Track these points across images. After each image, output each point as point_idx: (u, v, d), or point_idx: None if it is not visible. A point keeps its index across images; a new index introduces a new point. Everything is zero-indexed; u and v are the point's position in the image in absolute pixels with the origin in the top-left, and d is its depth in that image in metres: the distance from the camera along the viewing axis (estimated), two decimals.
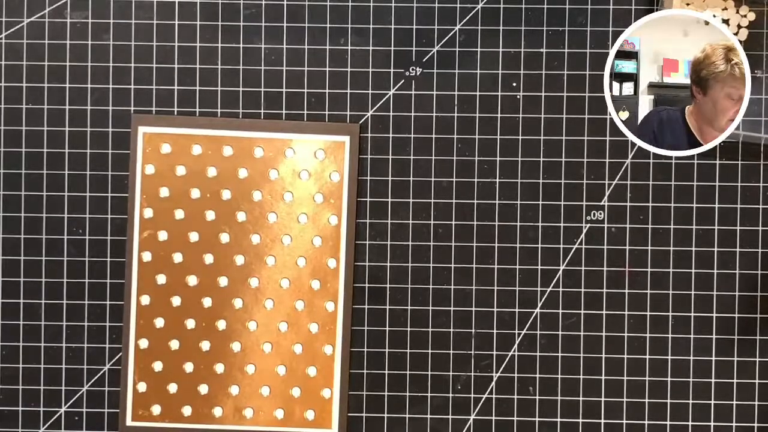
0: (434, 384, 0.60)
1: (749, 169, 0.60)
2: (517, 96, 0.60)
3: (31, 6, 0.60)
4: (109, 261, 0.60)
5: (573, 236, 0.60)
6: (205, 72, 0.60)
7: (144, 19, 0.60)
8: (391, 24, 0.60)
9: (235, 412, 0.60)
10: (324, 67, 0.60)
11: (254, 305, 0.60)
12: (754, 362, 0.60)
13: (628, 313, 0.60)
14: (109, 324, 0.60)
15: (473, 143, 0.60)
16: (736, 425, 0.60)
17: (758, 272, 0.60)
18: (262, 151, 0.60)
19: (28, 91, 0.60)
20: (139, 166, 0.60)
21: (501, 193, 0.60)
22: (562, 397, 0.60)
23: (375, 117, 0.60)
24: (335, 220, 0.60)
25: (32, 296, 0.60)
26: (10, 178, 0.60)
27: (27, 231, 0.60)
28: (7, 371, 0.60)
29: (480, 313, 0.60)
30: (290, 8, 0.60)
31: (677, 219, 0.60)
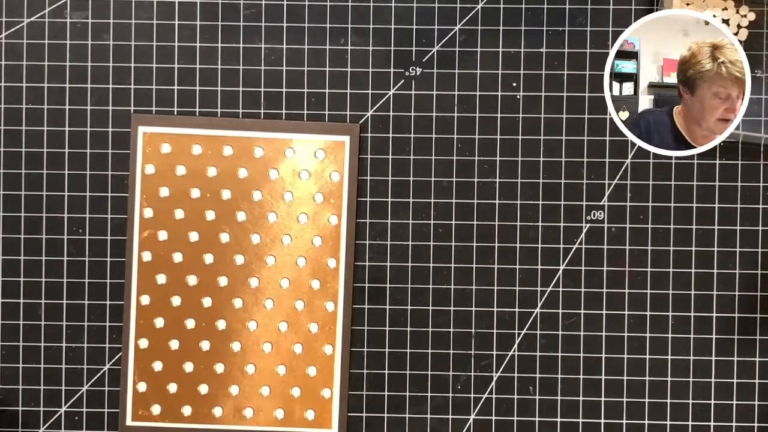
0: (434, 384, 0.60)
1: (749, 169, 0.60)
2: (517, 96, 0.60)
3: (31, 6, 0.60)
4: (109, 261, 0.60)
5: (573, 236, 0.60)
6: (205, 72, 0.60)
7: (144, 19, 0.60)
8: (391, 24, 0.60)
9: (235, 412, 0.60)
10: (324, 67, 0.60)
11: (254, 305, 0.60)
12: (754, 362, 0.60)
13: (628, 313, 0.60)
14: (109, 324, 0.60)
15: (473, 143, 0.60)
16: (736, 425, 0.60)
17: (758, 272, 0.60)
18: (262, 151, 0.60)
19: (28, 91, 0.60)
20: (139, 166, 0.60)
21: (501, 193, 0.60)
22: (562, 397, 0.60)
23: (375, 117, 0.60)
24: (335, 220, 0.60)
25: (32, 296, 0.60)
26: (10, 178, 0.60)
27: (27, 231, 0.60)
28: (7, 371, 0.60)
29: (480, 313, 0.60)
30: (290, 8, 0.60)
31: (677, 219, 0.60)
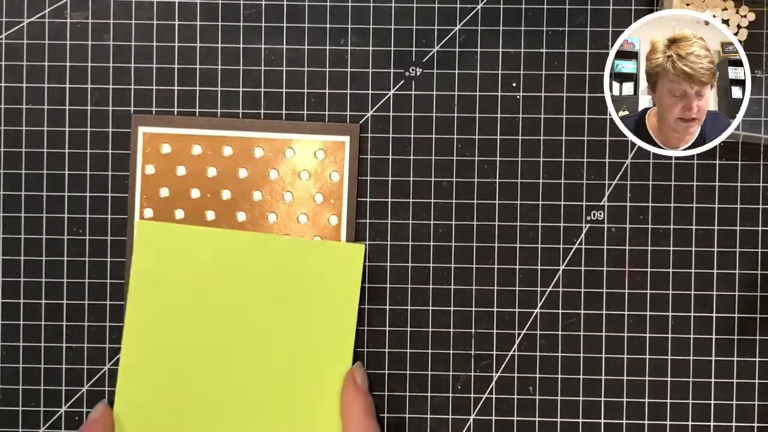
0: (434, 384, 0.60)
1: (749, 169, 0.60)
2: (517, 96, 0.60)
3: (31, 6, 0.60)
4: (109, 261, 0.60)
5: (573, 236, 0.60)
6: (205, 72, 0.60)
7: (144, 19, 0.60)
8: (391, 24, 0.60)
9: None
10: (324, 67, 0.60)
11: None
12: (754, 362, 0.60)
13: (628, 313, 0.60)
14: (109, 324, 0.60)
15: (473, 143, 0.60)
16: (736, 425, 0.60)
17: (758, 272, 0.60)
18: (262, 151, 0.60)
19: (28, 91, 0.60)
20: (139, 166, 0.60)
21: (501, 193, 0.60)
22: (562, 397, 0.60)
23: (375, 117, 0.60)
24: (335, 220, 0.60)
25: (32, 296, 0.60)
26: (10, 178, 0.60)
27: (27, 231, 0.60)
28: (7, 371, 0.60)
29: (480, 313, 0.60)
30: (290, 8, 0.60)
31: (677, 219, 0.60)
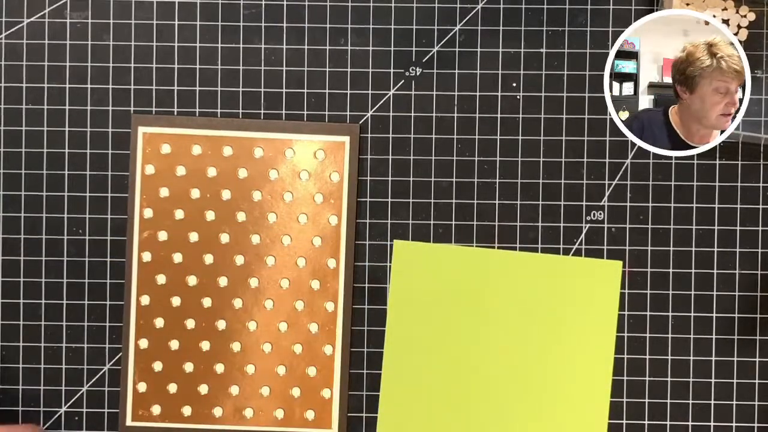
0: None
1: (749, 169, 0.60)
2: (517, 96, 0.60)
3: (31, 6, 0.60)
4: (109, 261, 0.60)
5: (573, 236, 0.60)
6: (205, 72, 0.60)
7: (144, 19, 0.60)
8: (391, 24, 0.60)
9: (235, 413, 0.60)
10: (324, 67, 0.60)
11: (254, 305, 0.60)
12: (754, 362, 0.60)
13: (628, 313, 0.60)
14: (109, 324, 0.60)
15: (473, 143, 0.60)
16: (736, 425, 0.60)
17: (758, 272, 0.60)
18: (262, 151, 0.60)
19: (28, 91, 0.60)
20: (139, 166, 0.60)
21: (501, 193, 0.60)
22: None
23: (375, 117, 0.60)
24: (335, 220, 0.60)
25: (32, 296, 0.60)
26: (10, 178, 0.60)
27: (27, 231, 0.60)
28: (7, 371, 0.60)
29: None
30: (290, 8, 0.60)
31: (677, 219, 0.60)
